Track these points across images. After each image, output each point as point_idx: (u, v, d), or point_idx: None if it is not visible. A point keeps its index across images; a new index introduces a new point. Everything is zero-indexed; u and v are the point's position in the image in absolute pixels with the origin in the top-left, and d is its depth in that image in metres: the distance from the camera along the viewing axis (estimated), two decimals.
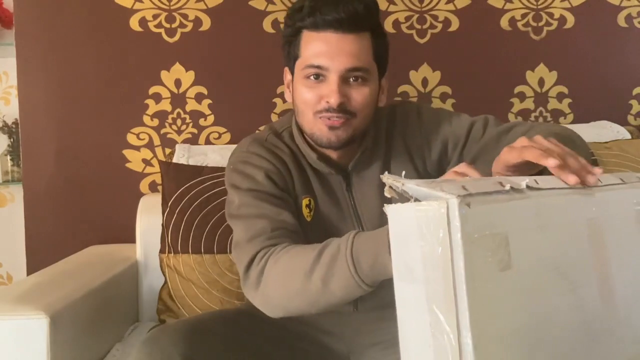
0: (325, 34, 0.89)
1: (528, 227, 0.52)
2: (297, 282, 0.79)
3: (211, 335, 0.89)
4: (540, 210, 0.53)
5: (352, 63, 0.88)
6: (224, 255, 1.36)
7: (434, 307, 0.46)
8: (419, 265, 0.48)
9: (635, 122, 1.78)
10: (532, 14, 1.75)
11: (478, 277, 0.45)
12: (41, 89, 1.68)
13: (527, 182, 0.53)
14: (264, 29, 1.70)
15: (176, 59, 1.70)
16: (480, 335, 0.44)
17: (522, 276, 0.49)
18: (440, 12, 1.74)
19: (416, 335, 0.48)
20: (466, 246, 0.44)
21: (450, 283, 0.45)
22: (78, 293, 1.16)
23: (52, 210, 1.68)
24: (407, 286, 0.49)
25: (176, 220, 1.37)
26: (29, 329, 1.00)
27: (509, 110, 1.75)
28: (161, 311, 1.36)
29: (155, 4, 1.68)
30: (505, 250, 0.48)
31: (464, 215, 0.45)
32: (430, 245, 0.46)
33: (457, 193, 0.45)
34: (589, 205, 0.62)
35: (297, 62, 0.94)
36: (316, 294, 0.78)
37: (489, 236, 0.47)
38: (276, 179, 0.97)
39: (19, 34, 1.67)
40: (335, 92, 0.88)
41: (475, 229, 0.46)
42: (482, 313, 0.45)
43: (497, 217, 0.48)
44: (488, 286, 0.46)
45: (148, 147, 1.70)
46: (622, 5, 1.76)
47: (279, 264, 0.84)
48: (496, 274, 0.47)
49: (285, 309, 0.84)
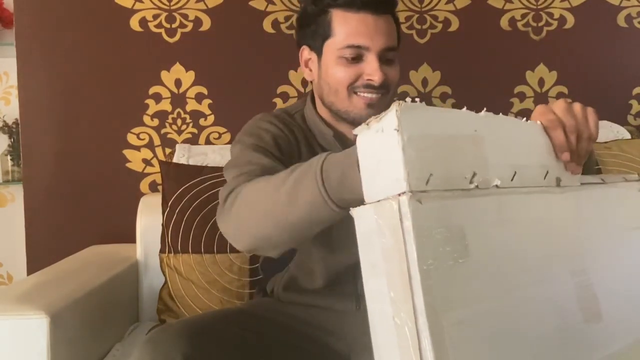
0: (362, 15, 0.92)
1: (489, 222, 0.55)
2: (266, 198, 0.76)
3: (212, 335, 0.89)
4: (502, 207, 0.57)
5: (388, 42, 0.93)
6: (224, 255, 1.36)
7: (394, 297, 0.49)
8: (380, 260, 0.51)
9: (635, 122, 1.78)
10: (532, 14, 1.75)
11: (432, 266, 0.48)
12: (41, 89, 1.68)
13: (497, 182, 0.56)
14: (264, 29, 1.71)
15: (176, 59, 1.70)
16: (437, 320, 0.47)
17: (481, 266, 0.52)
18: (440, 12, 1.74)
19: (382, 326, 0.51)
20: (418, 238, 0.48)
21: (406, 273, 0.48)
22: (78, 293, 1.16)
23: (52, 210, 1.68)
24: (372, 281, 0.53)
25: (176, 220, 1.37)
26: (29, 329, 1.00)
27: (509, 111, 1.75)
28: (161, 311, 1.37)
29: (155, 4, 1.69)
30: (461, 241, 0.51)
31: (415, 211, 0.48)
32: (388, 239, 0.50)
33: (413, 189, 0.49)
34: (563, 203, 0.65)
35: (329, 42, 0.95)
36: (282, 211, 0.73)
37: (443, 229, 0.50)
38: (282, 144, 0.97)
39: (19, 34, 1.67)
40: (378, 70, 0.92)
41: (428, 222, 0.49)
42: (437, 300, 0.48)
43: (452, 212, 0.52)
44: (442, 275, 0.49)
45: (148, 147, 1.70)
46: (622, 6, 1.77)
47: (254, 185, 0.81)
48: (451, 263, 0.50)
49: (253, 234, 0.80)
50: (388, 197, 0.50)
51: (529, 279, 0.57)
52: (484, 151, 0.57)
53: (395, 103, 0.52)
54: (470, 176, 0.55)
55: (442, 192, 0.51)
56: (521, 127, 0.65)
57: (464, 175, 0.54)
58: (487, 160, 0.57)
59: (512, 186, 0.59)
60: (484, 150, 0.57)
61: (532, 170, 0.63)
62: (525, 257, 0.58)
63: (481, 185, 0.55)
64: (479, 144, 0.57)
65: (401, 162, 0.50)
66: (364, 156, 0.55)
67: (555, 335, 0.58)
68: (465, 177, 0.54)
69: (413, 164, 0.50)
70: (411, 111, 0.51)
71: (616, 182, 0.76)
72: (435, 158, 0.52)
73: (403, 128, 0.50)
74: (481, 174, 0.55)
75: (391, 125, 0.51)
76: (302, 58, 1.03)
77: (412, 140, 0.50)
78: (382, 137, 0.52)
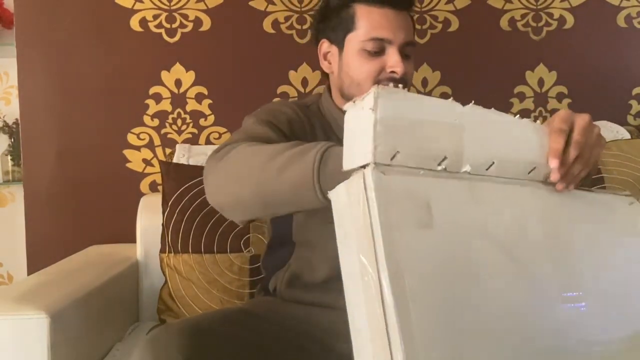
0: (385, 10, 0.96)
1: (459, 200, 0.61)
2: (257, 162, 0.76)
3: (213, 334, 0.89)
4: (475, 190, 0.62)
5: (409, 37, 0.98)
6: (224, 255, 1.36)
7: (361, 256, 0.54)
8: (350, 227, 0.57)
9: (634, 122, 1.78)
10: (531, 14, 1.75)
11: (394, 229, 0.54)
12: (41, 89, 1.68)
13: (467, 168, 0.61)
14: (264, 29, 1.71)
15: (176, 59, 1.70)
16: (396, 272, 0.52)
17: (447, 237, 0.58)
18: (440, 12, 1.74)
19: (352, 284, 0.56)
20: (381, 205, 0.54)
21: (371, 234, 0.54)
22: (78, 293, 1.16)
23: (53, 210, 1.68)
24: (345, 248, 0.58)
25: (176, 220, 1.38)
26: (29, 329, 1.00)
27: (508, 111, 1.75)
28: (161, 311, 1.37)
29: (155, 4, 1.69)
30: (426, 213, 0.57)
31: (377, 180, 0.55)
32: (356, 208, 0.56)
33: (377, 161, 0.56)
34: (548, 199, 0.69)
35: (351, 35, 0.98)
36: (267, 178, 0.73)
37: (408, 199, 0.56)
38: (297, 129, 0.98)
39: (19, 34, 1.67)
40: (400, 63, 0.96)
41: (391, 191, 0.55)
42: (397, 256, 0.53)
43: (417, 187, 0.58)
44: (404, 237, 0.54)
45: (148, 147, 1.71)
46: (621, 6, 1.77)
47: (251, 146, 0.81)
48: (414, 229, 0.56)
49: (230, 192, 0.80)
50: (358, 167, 0.57)
51: (500, 256, 0.61)
52: (460, 139, 0.61)
53: (375, 86, 0.58)
54: (440, 159, 0.60)
55: (407, 169, 0.58)
56: (512, 124, 0.68)
57: (433, 157, 0.60)
58: (462, 148, 0.61)
59: (487, 174, 0.63)
60: (460, 138, 0.61)
61: (515, 164, 0.66)
62: (499, 236, 0.62)
63: (450, 169, 0.61)
64: (457, 132, 0.61)
65: (370, 137, 0.56)
66: (347, 130, 0.61)
67: (523, 310, 0.61)
68: (434, 159, 0.60)
69: (381, 139, 0.56)
70: (389, 94, 0.58)
71: (605, 193, 0.79)
72: (405, 138, 0.58)
73: (378, 108, 0.56)
74: (452, 158, 0.60)
75: (368, 105, 0.57)
76: (320, 51, 1.06)
77: (384, 119, 0.57)
78: (361, 114, 0.58)
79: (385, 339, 0.51)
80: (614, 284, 0.70)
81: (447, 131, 0.61)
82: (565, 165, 0.67)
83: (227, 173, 0.81)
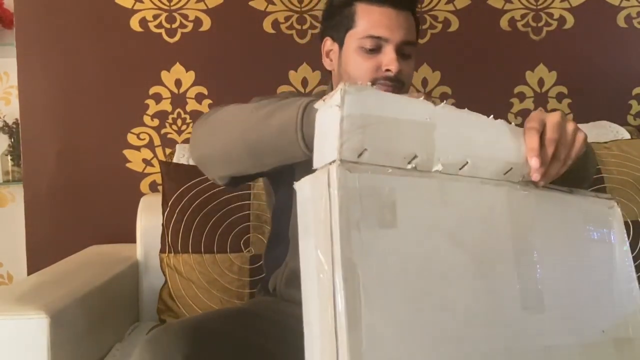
0: (385, 9, 0.97)
1: (428, 201, 0.60)
2: (243, 114, 0.78)
3: (213, 334, 0.89)
4: (446, 190, 0.61)
5: (407, 36, 0.98)
6: (224, 255, 1.36)
7: (319, 252, 0.54)
8: (311, 222, 0.56)
9: (634, 122, 1.78)
10: (531, 15, 1.75)
11: (354, 228, 0.53)
12: (41, 89, 1.68)
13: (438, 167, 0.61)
14: (264, 29, 1.71)
15: (176, 59, 1.70)
16: (351, 272, 0.52)
17: (410, 236, 0.57)
18: (440, 12, 1.74)
19: (309, 279, 0.56)
20: (342, 203, 0.53)
21: (329, 232, 0.53)
22: (78, 293, 1.16)
23: (53, 210, 1.68)
24: (305, 242, 0.58)
25: (176, 220, 1.38)
26: (29, 329, 1.00)
27: (508, 111, 1.75)
28: (161, 311, 1.37)
29: (155, 4, 1.69)
30: (391, 211, 0.56)
31: (341, 177, 0.54)
32: (318, 203, 0.55)
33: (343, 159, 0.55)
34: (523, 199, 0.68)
35: (351, 32, 1.00)
36: (253, 127, 0.75)
37: (372, 197, 0.56)
38: None
39: (19, 34, 1.67)
40: (395, 61, 0.96)
41: (355, 189, 0.55)
42: (354, 256, 0.53)
43: (384, 185, 0.57)
44: (364, 237, 0.54)
45: (148, 147, 1.71)
46: (621, 6, 1.77)
47: (239, 105, 0.82)
48: (376, 229, 0.55)
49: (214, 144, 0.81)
50: (324, 164, 0.57)
51: (464, 258, 0.61)
52: (432, 138, 0.61)
53: (342, 83, 0.57)
54: (410, 157, 0.59)
55: (375, 167, 0.57)
56: (487, 124, 0.67)
57: (402, 156, 0.59)
58: (434, 147, 0.61)
59: (460, 174, 0.63)
60: (432, 137, 0.61)
61: (491, 164, 0.65)
62: (465, 237, 0.62)
63: (420, 168, 0.60)
64: (428, 130, 0.60)
65: (337, 133, 0.55)
66: (318, 128, 0.61)
67: (485, 313, 0.61)
68: (404, 157, 0.59)
69: (347, 137, 0.55)
70: (356, 92, 0.57)
71: (585, 195, 0.77)
72: (373, 136, 0.57)
73: (344, 105, 0.56)
74: (423, 157, 0.60)
75: (335, 102, 0.57)
76: (324, 49, 1.07)
77: (350, 116, 0.56)
78: (330, 111, 0.58)
79: (333, 337, 0.51)
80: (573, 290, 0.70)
81: (417, 129, 0.60)
82: (545, 164, 0.67)
83: (213, 125, 0.83)
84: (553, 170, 0.69)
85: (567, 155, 0.69)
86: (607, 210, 0.77)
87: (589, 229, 0.75)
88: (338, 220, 0.53)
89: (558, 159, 0.68)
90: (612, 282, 0.73)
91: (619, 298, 0.73)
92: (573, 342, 0.67)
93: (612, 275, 0.74)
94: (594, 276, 0.73)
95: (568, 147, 0.69)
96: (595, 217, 0.76)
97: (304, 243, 0.58)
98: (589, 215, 0.75)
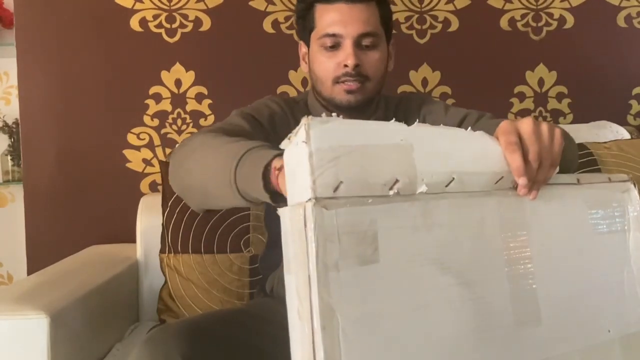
0: (337, 5, 0.99)
1: (411, 226, 0.58)
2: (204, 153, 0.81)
3: (212, 335, 0.89)
4: (431, 211, 0.59)
5: (363, 28, 0.98)
6: (224, 255, 1.36)
7: (299, 294, 0.53)
8: (292, 258, 0.55)
9: (634, 122, 1.78)
10: (531, 14, 1.76)
11: (331, 269, 0.52)
12: (41, 89, 1.68)
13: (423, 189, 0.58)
14: (264, 29, 1.71)
15: (176, 59, 1.70)
16: (331, 319, 0.51)
17: (392, 269, 0.55)
18: (440, 12, 1.74)
19: (292, 319, 0.55)
20: (319, 242, 0.51)
21: (307, 274, 0.52)
22: (78, 293, 1.16)
23: (53, 210, 1.68)
24: (287, 277, 0.56)
25: (176, 220, 1.38)
26: (29, 329, 1.00)
27: (508, 110, 1.76)
28: (161, 311, 1.37)
29: (155, 4, 1.69)
30: (372, 245, 0.54)
31: (318, 217, 0.52)
32: (297, 242, 0.53)
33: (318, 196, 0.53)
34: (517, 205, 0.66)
35: (313, 34, 1.02)
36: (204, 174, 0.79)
37: (352, 234, 0.53)
38: (278, 122, 1.02)
39: (19, 34, 1.67)
40: (351, 55, 0.97)
41: (333, 227, 0.52)
42: (334, 300, 0.51)
43: (364, 217, 0.54)
44: (344, 277, 0.52)
45: (148, 147, 1.71)
46: (621, 6, 1.77)
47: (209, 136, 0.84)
48: (356, 267, 0.53)
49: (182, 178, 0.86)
50: (300, 202, 0.54)
51: (451, 281, 0.59)
52: (411, 159, 0.58)
53: (304, 118, 0.55)
54: (392, 183, 0.57)
55: (354, 199, 0.54)
56: (467, 137, 0.65)
57: (382, 183, 0.56)
58: (414, 168, 0.58)
59: (447, 191, 0.60)
60: (411, 158, 0.58)
61: (479, 177, 0.63)
62: (451, 259, 0.59)
63: (403, 192, 0.57)
64: (406, 152, 0.58)
65: (308, 171, 0.53)
66: (287, 167, 0.58)
67: (475, 336, 0.59)
68: (384, 184, 0.56)
69: (319, 172, 0.53)
70: (320, 124, 0.55)
71: (595, 182, 0.72)
72: (347, 167, 0.54)
73: (311, 140, 0.53)
74: (405, 181, 0.57)
75: (301, 138, 0.54)
76: (300, 53, 1.10)
77: (319, 151, 0.53)
78: (296, 149, 0.55)
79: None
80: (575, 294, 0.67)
81: (394, 153, 0.57)
82: (532, 179, 0.65)
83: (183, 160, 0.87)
84: (541, 178, 0.66)
85: (553, 160, 0.66)
86: (619, 196, 0.72)
87: (595, 222, 0.70)
88: (315, 264, 0.51)
89: (544, 167, 0.66)
90: (623, 273, 0.69)
91: (631, 289, 0.69)
92: (572, 349, 0.65)
93: (624, 265, 0.69)
94: (601, 273, 0.69)
95: (550, 151, 0.66)
96: (604, 206, 0.71)
97: (288, 279, 0.56)
98: (595, 205, 0.70)
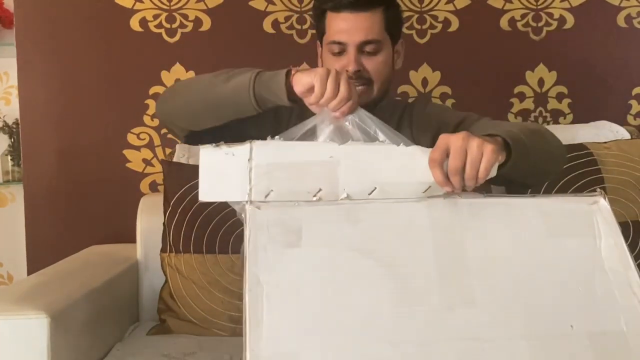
0: (343, 14, 1.06)
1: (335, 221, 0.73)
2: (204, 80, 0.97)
3: None
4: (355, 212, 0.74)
5: (365, 37, 1.05)
6: (226, 256, 1.36)
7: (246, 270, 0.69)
8: None
9: (634, 122, 1.78)
10: (531, 14, 1.75)
11: (260, 250, 0.70)
12: (41, 89, 1.68)
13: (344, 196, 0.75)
14: (264, 29, 1.71)
15: (176, 59, 1.70)
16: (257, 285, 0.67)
17: (313, 252, 0.71)
18: (440, 12, 1.74)
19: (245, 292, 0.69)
20: (251, 232, 0.71)
21: (245, 253, 0.70)
22: (78, 293, 1.16)
23: (53, 210, 1.68)
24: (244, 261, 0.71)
25: (178, 219, 1.38)
26: (29, 329, 1.00)
27: (508, 111, 1.75)
28: (162, 311, 1.37)
29: (155, 4, 1.69)
30: (296, 234, 0.71)
31: (252, 214, 0.73)
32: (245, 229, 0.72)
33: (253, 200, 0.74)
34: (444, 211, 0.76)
35: (324, 38, 1.11)
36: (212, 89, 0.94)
37: (278, 226, 0.72)
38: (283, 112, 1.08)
39: (19, 34, 1.67)
40: (352, 61, 1.06)
41: (264, 221, 0.72)
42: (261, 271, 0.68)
43: (290, 215, 0.73)
44: (270, 256, 0.70)
45: (148, 147, 1.71)
46: (621, 6, 1.76)
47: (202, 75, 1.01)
48: (280, 249, 0.70)
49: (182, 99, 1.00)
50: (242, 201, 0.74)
51: (373, 264, 0.70)
52: (335, 173, 0.75)
53: (249, 141, 0.76)
54: (315, 191, 0.75)
55: (282, 202, 0.74)
56: (396, 152, 0.78)
57: (307, 190, 0.75)
58: (337, 180, 0.75)
59: (370, 198, 0.76)
60: (335, 172, 0.75)
61: (405, 186, 0.76)
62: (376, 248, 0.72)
63: (326, 198, 0.75)
64: (332, 167, 0.75)
65: (246, 181, 0.74)
66: (208, 167, 0.77)
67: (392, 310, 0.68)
68: (308, 191, 0.75)
69: (255, 182, 0.74)
70: (262, 146, 0.76)
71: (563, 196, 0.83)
72: (277, 179, 0.75)
73: (253, 158, 0.75)
74: (327, 189, 0.75)
75: (244, 154, 0.75)
76: (318, 51, 1.17)
77: (258, 166, 0.75)
78: (233, 160, 0.75)
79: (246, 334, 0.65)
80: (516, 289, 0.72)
81: (320, 168, 0.75)
82: (458, 189, 0.74)
83: (178, 88, 1.04)
84: (469, 184, 0.74)
85: (478, 173, 0.73)
86: (587, 207, 0.78)
87: (549, 226, 0.77)
88: (247, 247, 0.70)
89: (470, 177, 0.74)
90: (594, 274, 0.73)
91: (607, 291, 0.72)
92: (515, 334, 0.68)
93: (594, 268, 0.74)
94: (559, 272, 0.74)
95: (476, 165, 0.73)
96: (563, 213, 0.78)
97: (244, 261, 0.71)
98: (551, 212, 0.78)
